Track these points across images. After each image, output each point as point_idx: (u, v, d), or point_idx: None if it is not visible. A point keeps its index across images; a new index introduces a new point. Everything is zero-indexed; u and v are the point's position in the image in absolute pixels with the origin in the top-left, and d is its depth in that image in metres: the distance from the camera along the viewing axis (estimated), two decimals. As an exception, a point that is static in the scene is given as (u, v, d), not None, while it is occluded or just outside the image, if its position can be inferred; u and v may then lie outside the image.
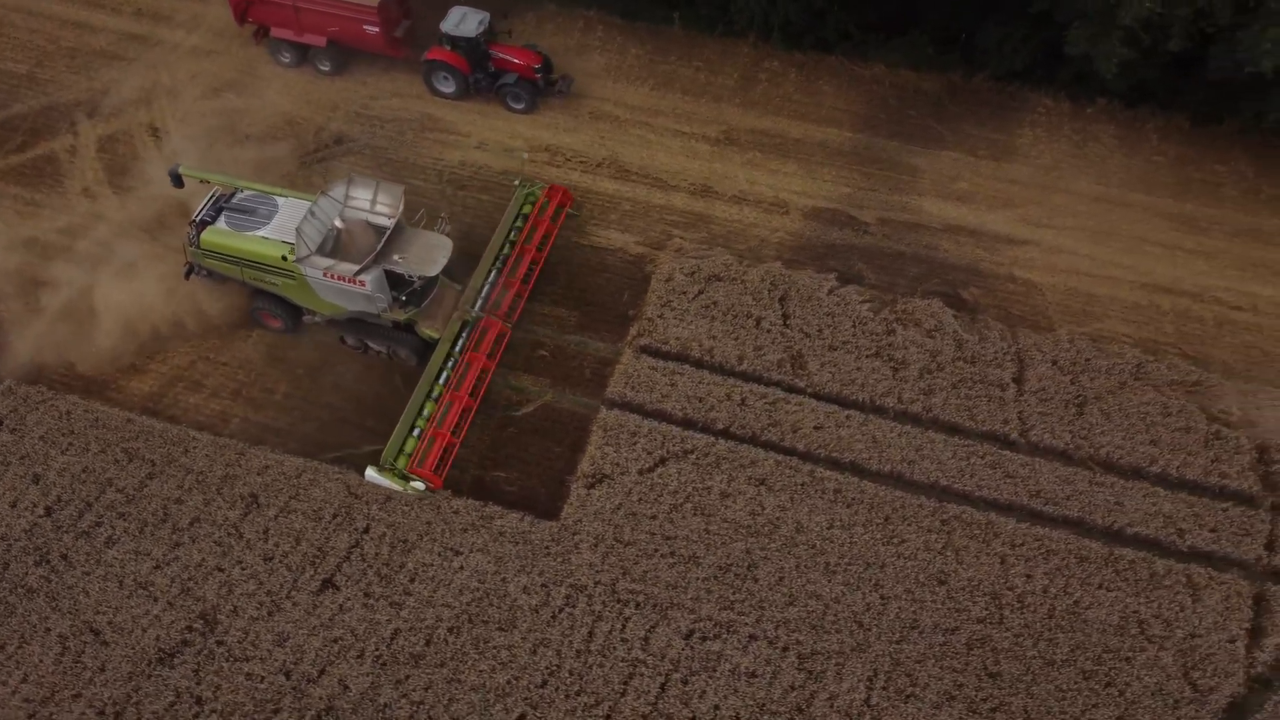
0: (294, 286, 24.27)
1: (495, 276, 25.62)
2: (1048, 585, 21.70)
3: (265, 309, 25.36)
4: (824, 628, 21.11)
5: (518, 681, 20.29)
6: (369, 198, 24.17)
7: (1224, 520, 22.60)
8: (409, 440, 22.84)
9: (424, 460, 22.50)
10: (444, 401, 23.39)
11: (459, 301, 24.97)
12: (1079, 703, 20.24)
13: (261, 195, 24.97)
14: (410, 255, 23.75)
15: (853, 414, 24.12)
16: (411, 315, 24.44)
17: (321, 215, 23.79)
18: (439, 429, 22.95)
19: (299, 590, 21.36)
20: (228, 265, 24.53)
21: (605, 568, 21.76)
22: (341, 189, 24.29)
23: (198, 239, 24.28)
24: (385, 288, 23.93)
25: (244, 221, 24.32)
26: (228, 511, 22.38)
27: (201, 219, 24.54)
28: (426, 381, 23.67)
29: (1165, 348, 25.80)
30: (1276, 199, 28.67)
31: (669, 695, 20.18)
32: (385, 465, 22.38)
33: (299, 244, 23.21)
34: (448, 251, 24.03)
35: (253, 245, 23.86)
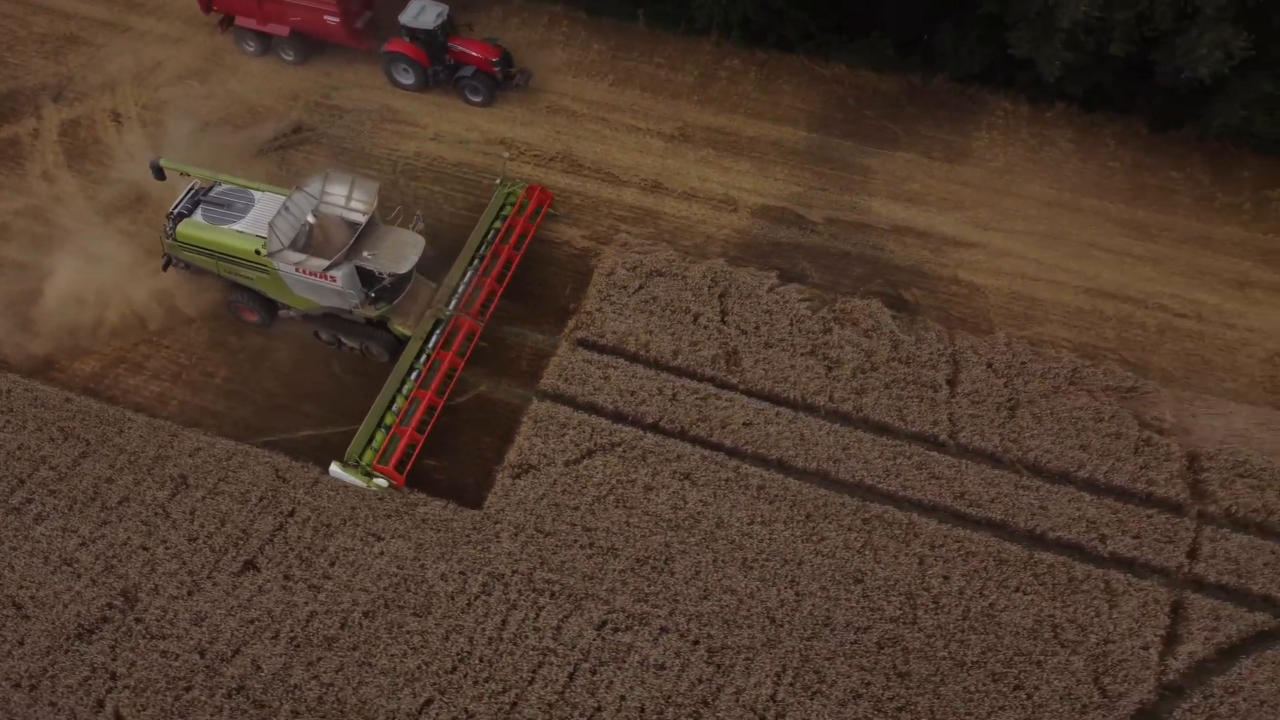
0: (268, 281, 24.37)
1: (471, 275, 25.60)
2: (964, 587, 21.70)
3: (241, 302, 25.50)
4: (736, 622, 21.20)
5: (428, 667, 20.50)
6: (344, 193, 24.17)
7: (1148, 527, 22.53)
8: (376, 436, 22.78)
9: (388, 458, 22.45)
10: (412, 399, 23.35)
11: (433, 299, 25.01)
12: (985, 705, 20.25)
13: (239, 189, 25.06)
14: (382, 252, 23.78)
15: (783, 411, 24.19)
16: (383, 312, 24.52)
17: (295, 210, 23.84)
18: (405, 427, 22.89)
19: (220, 571, 21.65)
20: (203, 258, 24.67)
21: (524, 557, 21.94)
22: (317, 184, 24.30)
23: (174, 231, 24.46)
24: (357, 284, 23.98)
25: (220, 215, 24.43)
26: (157, 492, 22.71)
27: (178, 211, 24.67)
28: (396, 378, 23.65)
29: (1105, 353, 25.71)
30: (1230, 207, 28.51)
31: (576, 685, 20.34)
32: (350, 461, 22.39)
33: (271, 238, 23.29)
34: (419, 249, 24.02)
35: (227, 239, 24.00)
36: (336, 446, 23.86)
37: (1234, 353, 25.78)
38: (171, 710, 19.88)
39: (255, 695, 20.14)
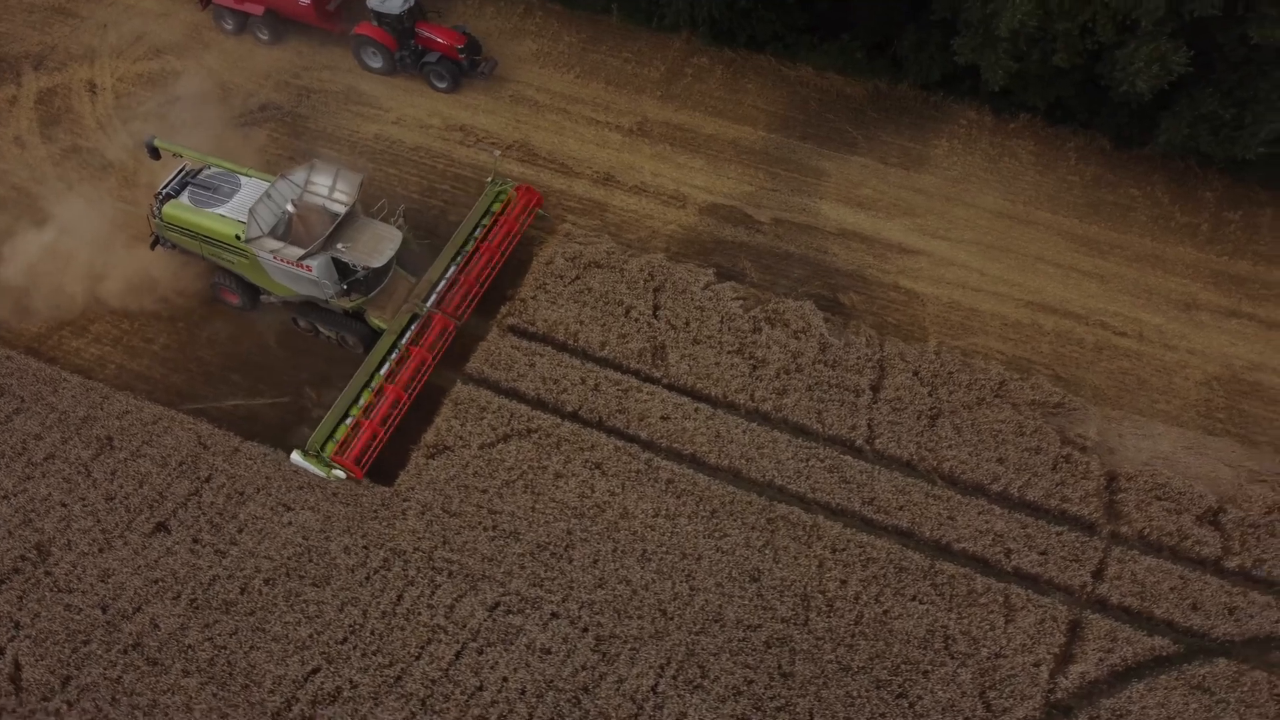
0: (248, 266, 24.64)
1: (452, 272, 25.59)
2: (860, 592, 21.66)
3: (224, 285, 25.81)
4: (627, 612, 21.35)
5: (319, 636, 20.90)
6: (328, 184, 24.41)
7: (1056, 544, 22.31)
8: (340, 428, 22.87)
9: (348, 450, 22.53)
10: (379, 392, 23.44)
11: (411, 293, 25.09)
12: (866, 710, 20.20)
13: (227, 173, 25.35)
14: (359, 244, 23.94)
15: (702, 408, 24.27)
16: (358, 303, 24.68)
17: (277, 197, 24.11)
18: (369, 419, 22.98)
19: (132, 531, 22.23)
20: (187, 239, 25.03)
21: (427, 535, 22.27)
22: (302, 173, 24.58)
23: (160, 211, 24.86)
24: (333, 274, 24.13)
25: (206, 198, 24.74)
26: (82, 451, 23.35)
27: (166, 192, 25.07)
28: (365, 371, 23.73)
29: (1037, 367, 25.46)
30: (1187, 227, 28.06)
31: (462, 663, 20.62)
32: (310, 451, 22.50)
33: (251, 224, 23.55)
34: (396, 244, 24.14)
35: (210, 222, 24.28)
36: (262, 417, 24.43)
37: (1171, 374, 25.40)
38: (68, 662, 20.47)
39: (150, 653, 20.67)
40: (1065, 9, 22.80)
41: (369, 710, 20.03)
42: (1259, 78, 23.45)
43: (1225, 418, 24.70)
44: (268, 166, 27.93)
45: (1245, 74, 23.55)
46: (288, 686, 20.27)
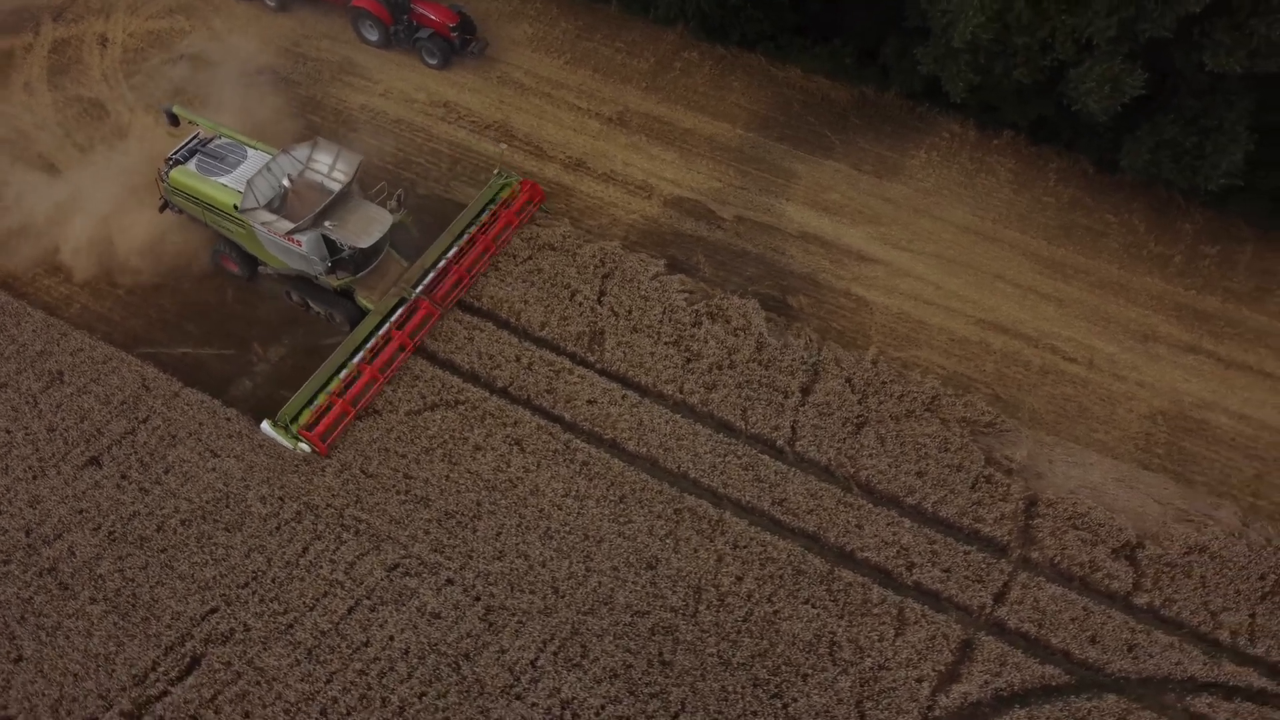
0: (245, 236, 25.21)
1: (446, 260, 25.86)
2: (754, 590, 21.69)
3: (225, 253, 26.43)
4: (520, 586, 21.70)
5: (222, 579, 21.66)
6: (329, 163, 24.88)
7: (962, 563, 22.07)
8: (315, 400, 23.38)
9: (318, 426, 23.02)
10: (355, 372, 23.92)
11: (401, 277, 25.49)
12: (739, 707, 20.26)
13: (236, 144, 25.97)
14: (349, 224, 24.33)
15: (630, 395, 24.49)
16: (346, 282, 25.09)
17: (277, 171, 24.64)
18: (341, 398, 23.47)
19: (67, 462, 23.25)
20: (191, 205, 25.75)
21: (341, 493, 22.89)
22: (305, 150, 25.09)
23: (167, 176, 25.62)
24: (322, 251, 24.55)
25: (212, 166, 25.37)
26: (33, 382, 24.48)
27: (175, 158, 25.80)
28: (344, 350, 24.21)
29: (977, 385, 25.13)
30: (1159, 258, 27.37)
31: (353, 618, 21.19)
32: (280, 422, 23.04)
33: (248, 195, 24.10)
34: (385, 227, 24.52)
35: (213, 190, 24.93)
36: (207, 367, 25.34)
37: (1115, 405, 24.85)
38: (-13, 579, 21.56)
39: (63, 578, 21.64)
40: (1024, 23, 22.44)
41: (256, 654, 20.71)
42: (1223, 107, 22.80)
43: (1164, 454, 24.10)
44: (254, 129, 28.78)
45: (1209, 103, 22.91)
46: (184, 623, 21.05)
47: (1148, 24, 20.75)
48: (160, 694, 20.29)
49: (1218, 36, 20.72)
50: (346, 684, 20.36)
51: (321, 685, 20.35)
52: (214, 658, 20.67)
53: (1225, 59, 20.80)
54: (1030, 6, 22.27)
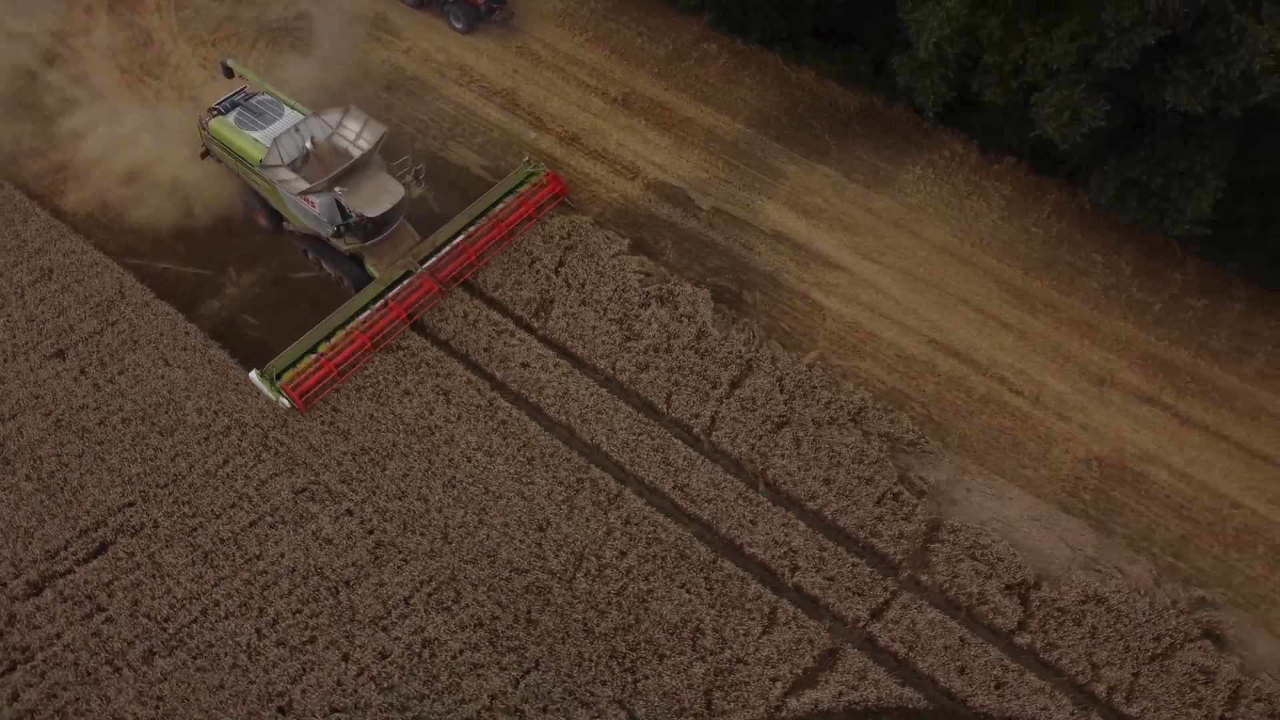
0: (271, 191, 26.12)
1: (459, 241, 26.29)
2: (634, 567, 22.00)
3: (254, 205, 27.56)
4: (413, 527, 22.52)
5: (145, 477, 23.13)
6: (356, 130, 25.43)
7: (847, 574, 21.93)
8: (302, 360, 24.18)
9: (301, 383, 23.84)
10: (348, 337, 24.61)
11: (411, 250, 26.14)
12: (590, 674, 20.65)
13: (276, 102, 27.01)
14: (360, 192, 24.84)
15: (563, 364, 25.04)
16: (356, 248, 25.79)
17: (305, 132, 25.42)
18: (330, 361, 24.24)
19: (36, 350, 25.14)
20: (227, 156, 26.99)
21: (270, 415, 24.12)
22: (335, 115, 25.77)
23: (207, 125, 26.93)
24: (335, 214, 25.13)
25: (249, 121, 26.46)
26: (25, 275, 26.50)
27: (218, 108, 27.01)
28: (343, 314, 25.03)
29: (912, 403, 24.79)
30: (1138, 304, 26.39)
31: (251, 532, 22.38)
32: (267, 375, 23.92)
33: (272, 152, 24.99)
34: (395, 199, 25.02)
35: (245, 144, 26.01)
36: (183, 283, 27.05)
37: (1051, 444, 24.17)
38: (-59, 444, 23.53)
39: (7, 454, 23.48)
40: (995, 41, 22.04)
41: (158, 549, 22.09)
42: (1196, 151, 21.90)
43: (1090, 500, 23.35)
44: (268, 72, 30.34)
45: (1181, 144, 22.03)
46: (102, 511, 22.59)
47: (1106, 53, 20.12)
48: (65, 571, 21.85)
49: (1178, 73, 19.95)
50: (231, 590, 21.55)
51: (209, 587, 21.59)
52: (120, 546, 22.13)
53: (1186, 97, 20.00)
54: (1003, 26, 21.84)
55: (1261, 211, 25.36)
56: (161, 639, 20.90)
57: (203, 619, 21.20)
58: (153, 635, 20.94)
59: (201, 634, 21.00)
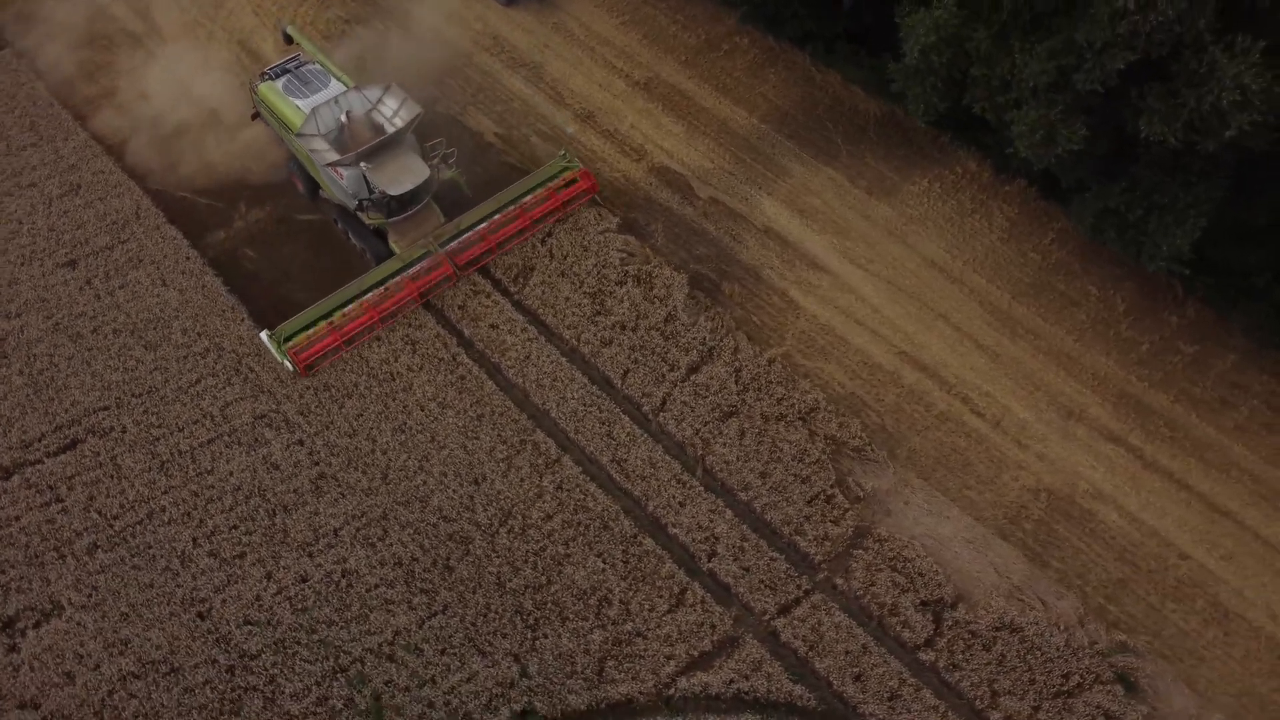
0: (307, 158, 26.59)
1: (482, 227, 26.57)
2: (556, 530, 22.50)
3: (294, 171, 28.42)
4: (356, 464, 23.46)
5: (124, 385, 24.63)
6: (394, 108, 26.04)
7: (764, 567, 22.01)
8: (314, 325, 24.80)
9: (306, 349, 24.57)
10: (359, 309, 25.18)
11: (434, 231, 26.54)
12: (492, 625, 21.24)
13: (324, 72, 27.73)
14: (386, 169, 25.34)
15: (530, 330, 25.67)
16: (379, 223, 26.33)
17: (344, 105, 26.11)
18: (338, 331, 24.89)
19: (50, 258, 26.97)
20: (272, 120, 27.90)
21: (248, 344, 25.36)
22: (376, 91, 26.43)
23: (256, 88, 28.03)
24: (362, 188, 25.55)
25: (295, 88, 27.27)
26: (55, 188, 28.45)
27: (269, 73, 27.99)
28: (358, 286, 25.63)
29: (868, 411, 24.64)
30: (1125, 342, 25.63)
31: (208, 449, 23.65)
32: (277, 336, 24.67)
33: (309, 121, 25.74)
34: (419, 179, 25.42)
35: (288, 110, 26.83)
36: (195, 212, 28.62)
37: (1002, 469, 23.75)
38: (-49, 333, 25.48)
39: (7, 350, 25.27)
40: (982, 54, 21.76)
41: (121, 453, 23.53)
42: (1180, 186, 21.23)
43: (1030, 530, 22.88)
44: (309, 23, 31.68)
45: (1166, 178, 21.37)
46: (78, 411, 24.17)
47: (1082, 75, 19.71)
48: (36, 461, 23.47)
49: (1152, 101, 19.41)
50: (178, 499, 22.83)
51: (159, 494, 22.92)
52: (88, 445, 23.64)
53: (1160, 127, 19.43)
54: (992, 39, 21.56)
55: (1273, 263, 24.42)
56: (107, 534, 22.26)
57: (147, 521, 22.49)
58: (99, 530, 22.32)
59: (143, 535, 22.29)
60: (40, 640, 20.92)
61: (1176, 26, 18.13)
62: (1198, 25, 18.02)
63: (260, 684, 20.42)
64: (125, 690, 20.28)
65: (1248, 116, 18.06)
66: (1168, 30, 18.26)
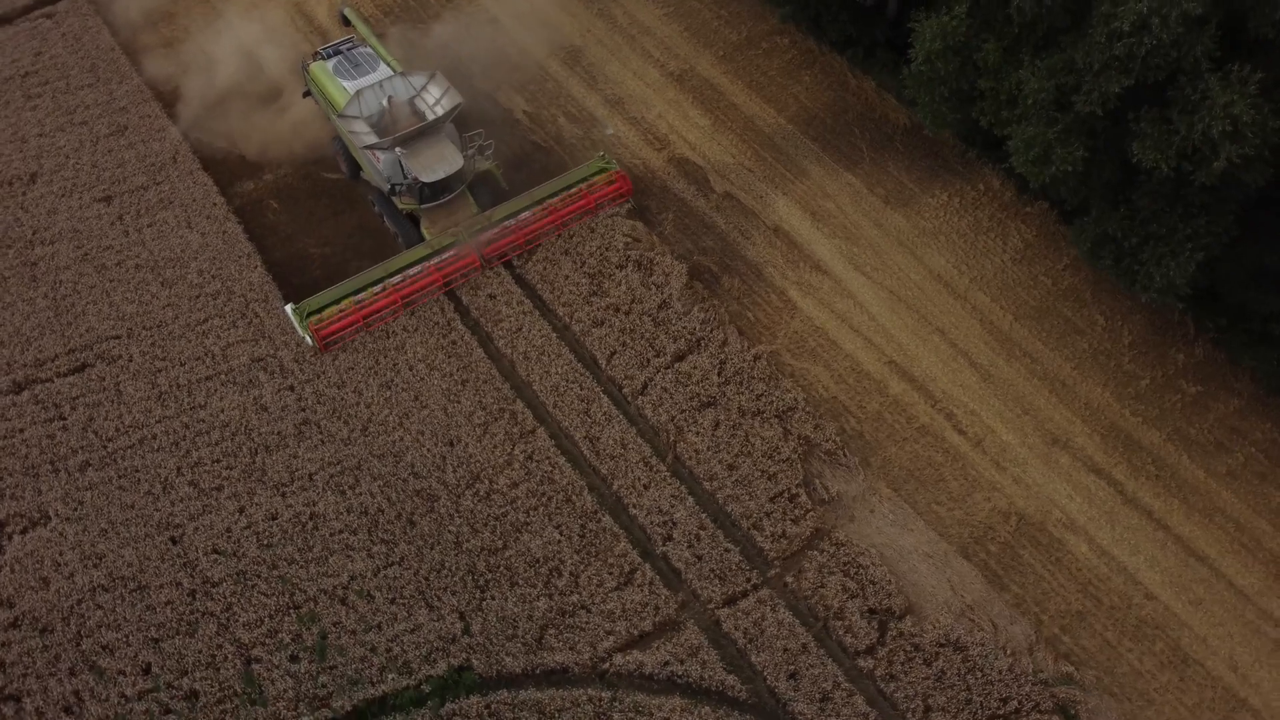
0: (348, 138, 27.06)
1: (512, 222, 26.73)
2: (521, 497, 22.97)
3: (338, 150, 29.00)
4: (340, 414, 24.30)
5: (137, 316, 25.92)
6: (436, 97, 26.57)
7: (716, 557, 22.16)
8: (341, 302, 25.20)
9: (327, 326, 24.96)
10: (382, 290, 25.57)
11: (467, 221, 26.66)
12: (443, 582, 21.81)
13: (374, 57, 28.47)
14: (420, 156, 25.72)
15: (526, 303, 26.23)
16: (411, 208, 26.66)
17: (388, 89, 26.73)
18: (360, 310, 25.31)
19: (89, 192, 28.48)
20: (321, 99, 28.68)
21: (256, 289, 26.40)
22: (421, 79, 26.98)
23: (307, 67, 28.90)
24: (397, 172, 26.03)
25: (344, 69, 28.05)
26: (105, 128, 30.04)
27: (321, 53, 28.80)
28: (384, 270, 26.10)
29: (848, 416, 24.58)
30: (1125, 375, 25.08)
31: (204, 385, 24.75)
32: (301, 310, 25.12)
33: (352, 102, 26.43)
34: (451, 168, 25.74)
35: (335, 91, 27.62)
36: (227, 163, 29.85)
37: (975, 489, 23.47)
38: (-9, 253, 27.11)
39: (38, 273, 26.81)
40: (990, 66, 21.54)
41: (125, 380, 24.75)
42: (1179, 218, 20.71)
43: (995, 552, 22.58)
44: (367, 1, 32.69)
45: (1166, 208, 20.86)
46: (92, 337, 25.50)
47: (1080, 96, 19.38)
48: (46, 379, 24.83)
49: (1145, 127, 18.99)
50: (169, 429, 23.92)
51: (152, 422, 24.04)
52: (95, 370, 24.91)
53: (1153, 154, 18.99)
54: (1002, 52, 21.34)
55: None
56: (99, 454, 23.46)
57: (138, 447, 23.62)
58: (93, 450, 23.53)
59: (132, 459, 23.42)
60: (24, 545, 22.18)
61: (1173, 52, 17.72)
62: (1195, 52, 17.58)
63: (217, 610, 21.31)
64: (93, 601, 21.37)
65: (1237, 148, 17.56)
66: (1164, 55, 17.87)
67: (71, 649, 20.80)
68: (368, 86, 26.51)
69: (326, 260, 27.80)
